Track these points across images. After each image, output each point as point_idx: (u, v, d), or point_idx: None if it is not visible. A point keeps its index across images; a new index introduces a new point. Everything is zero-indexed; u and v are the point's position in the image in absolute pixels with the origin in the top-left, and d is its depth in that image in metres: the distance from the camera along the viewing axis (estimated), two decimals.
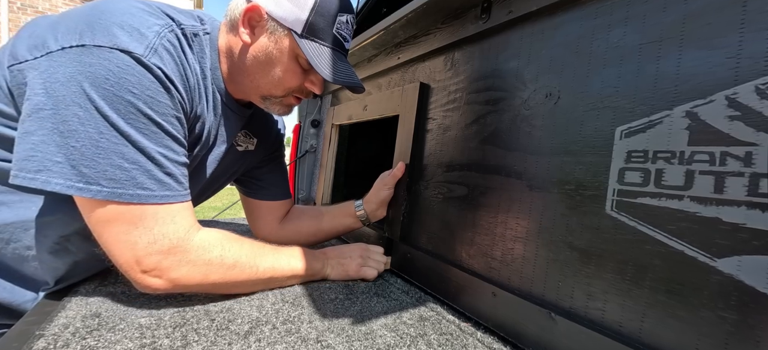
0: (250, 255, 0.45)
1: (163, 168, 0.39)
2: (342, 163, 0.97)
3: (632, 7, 0.34)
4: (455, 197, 0.53)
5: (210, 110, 0.49)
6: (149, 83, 0.37)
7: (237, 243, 0.45)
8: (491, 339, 0.41)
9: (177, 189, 0.40)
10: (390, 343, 0.37)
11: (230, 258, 0.43)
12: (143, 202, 0.37)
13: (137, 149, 0.37)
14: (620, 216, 0.33)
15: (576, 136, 0.37)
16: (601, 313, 0.33)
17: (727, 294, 0.26)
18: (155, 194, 0.38)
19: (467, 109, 0.53)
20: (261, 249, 0.47)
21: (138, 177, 0.37)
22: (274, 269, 0.48)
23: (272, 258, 0.48)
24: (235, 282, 0.44)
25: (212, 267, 0.41)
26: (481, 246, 0.48)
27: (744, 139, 0.26)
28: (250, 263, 0.45)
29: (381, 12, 1.09)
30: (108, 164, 0.35)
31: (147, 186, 0.37)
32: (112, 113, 0.35)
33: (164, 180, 0.39)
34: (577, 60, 0.39)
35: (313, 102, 1.16)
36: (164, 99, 0.38)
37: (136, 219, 0.37)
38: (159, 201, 0.38)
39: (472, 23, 0.52)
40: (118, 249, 0.37)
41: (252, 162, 0.65)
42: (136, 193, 0.37)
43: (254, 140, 0.63)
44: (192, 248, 0.40)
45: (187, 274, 0.40)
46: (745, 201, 0.26)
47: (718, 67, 0.28)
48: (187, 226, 0.40)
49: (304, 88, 0.52)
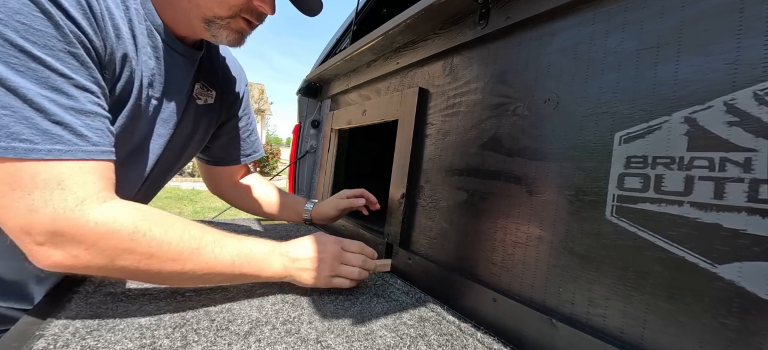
0: (176, 244, 0.35)
1: (49, 115, 0.30)
2: (341, 167, 0.97)
3: (630, 13, 0.34)
4: (455, 202, 0.53)
5: (147, 53, 0.41)
6: (19, 5, 0.28)
7: (161, 227, 0.35)
8: (491, 339, 0.40)
9: (75, 142, 0.31)
10: (390, 343, 0.37)
11: (145, 244, 0.33)
12: (21, 158, 0.29)
13: (8, 90, 0.28)
14: (620, 222, 0.33)
15: (575, 142, 0.37)
16: (603, 319, 0.33)
17: (729, 301, 0.26)
18: (37, 147, 0.29)
19: (466, 114, 0.53)
20: (198, 236, 0.37)
21: (11, 126, 0.28)
22: (215, 264, 0.37)
23: (212, 250, 0.37)
24: (155, 273, 0.35)
25: (119, 251, 0.32)
26: (481, 251, 0.48)
27: (743, 144, 0.26)
28: (174, 255, 0.35)
29: (381, 12, 1.11)
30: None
31: (25, 137, 0.29)
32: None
33: (51, 131, 0.30)
34: (575, 66, 0.39)
35: (313, 103, 1.17)
36: (45, 27, 0.30)
37: (11, 180, 0.29)
38: (44, 156, 0.29)
39: (471, 29, 0.53)
40: (1, 215, 0.30)
41: (217, 118, 0.58)
42: (9, 146, 0.28)
43: (213, 92, 0.54)
44: (86, 224, 0.31)
45: (87, 253, 0.31)
46: (745, 207, 0.26)
47: (716, 73, 0.28)
48: (82, 194, 0.31)
49: (253, 6, 0.42)
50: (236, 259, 0.39)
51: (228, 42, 0.45)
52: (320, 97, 1.15)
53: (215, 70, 0.56)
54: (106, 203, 0.33)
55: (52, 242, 0.31)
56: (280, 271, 0.44)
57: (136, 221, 0.33)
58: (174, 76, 0.46)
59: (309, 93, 1.15)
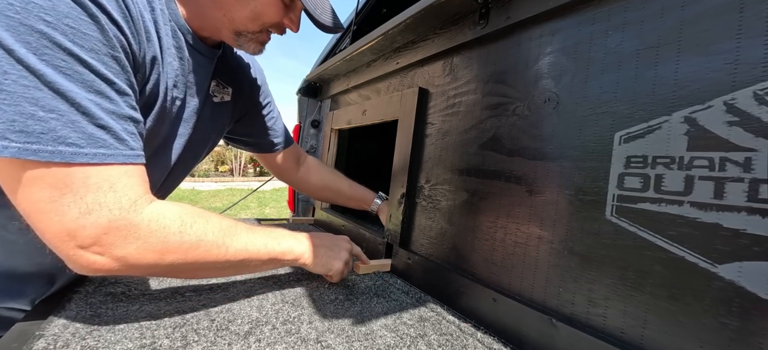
0: (217, 232, 0.38)
1: (95, 119, 0.30)
2: (341, 167, 0.97)
3: (630, 13, 0.34)
4: (455, 202, 0.53)
5: (172, 55, 0.42)
6: (68, 9, 0.28)
7: (202, 219, 0.37)
8: (491, 339, 0.41)
9: (117, 147, 0.32)
10: (390, 343, 0.37)
11: (193, 235, 0.36)
12: (68, 162, 0.29)
13: (56, 93, 0.28)
14: (620, 221, 0.33)
15: (575, 141, 0.37)
16: (603, 319, 0.33)
17: (729, 301, 0.26)
18: (83, 151, 0.29)
19: (466, 114, 0.53)
20: (232, 227, 0.40)
21: (58, 130, 0.28)
22: (248, 251, 0.41)
23: (245, 237, 0.41)
24: (199, 264, 0.37)
25: (169, 246, 0.34)
26: (481, 251, 0.48)
27: (743, 144, 0.26)
28: (218, 242, 0.38)
29: (381, 12, 1.11)
30: (16, 112, 0.27)
31: (71, 141, 0.29)
32: (19, 46, 0.27)
33: (96, 135, 0.30)
34: (575, 65, 0.39)
35: (313, 103, 1.17)
36: (92, 31, 0.30)
37: (60, 184, 0.29)
38: (90, 160, 0.30)
39: (471, 29, 0.53)
40: (44, 220, 0.29)
41: (231, 115, 0.59)
42: (56, 150, 0.28)
43: (229, 89, 0.55)
44: (141, 222, 0.32)
45: (137, 252, 0.32)
46: (745, 207, 0.26)
47: (716, 72, 0.28)
48: (134, 196, 0.32)
49: (282, 24, 0.46)
50: (253, 253, 0.42)
51: (252, 51, 0.48)
52: (320, 97, 1.15)
53: (231, 68, 0.56)
54: (152, 203, 0.34)
55: (99, 244, 0.31)
56: (300, 253, 0.48)
57: (181, 216, 0.36)
58: (196, 77, 0.47)
59: (309, 93, 1.15)
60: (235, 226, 0.41)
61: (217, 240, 0.38)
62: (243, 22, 0.44)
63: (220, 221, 0.40)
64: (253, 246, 0.41)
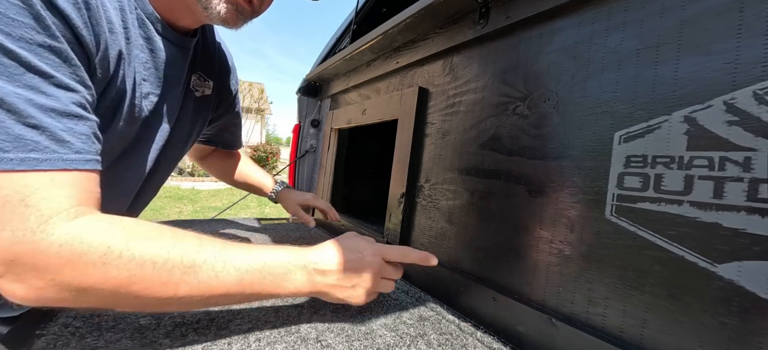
0: (167, 260, 0.28)
1: (24, 117, 0.25)
2: (341, 167, 0.97)
3: (630, 13, 0.34)
4: (454, 202, 0.53)
5: (139, 46, 0.38)
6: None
7: (144, 241, 0.28)
8: (491, 338, 0.41)
9: (53, 149, 0.26)
10: (390, 343, 0.37)
11: (125, 264, 0.26)
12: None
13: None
14: (620, 221, 0.33)
15: (575, 141, 0.37)
16: (602, 319, 0.33)
17: (728, 300, 0.26)
18: (7, 156, 0.24)
19: (466, 113, 0.53)
20: (193, 250, 0.29)
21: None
22: (217, 284, 0.30)
23: (212, 266, 0.30)
24: (141, 303, 0.28)
25: (91, 280, 0.26)
26: (480, 250, 0.48)
27: (743, 144, 0.26)
28: (169, 274, 0.28)
29: (380, 12, 1.10)
30: None
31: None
32: None
33: (25, 136, 0.25)
34: (575, 65, 0.39)
35: (312, 102, 1.17)
36: (22, 17, 0.25)
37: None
38: (15, 167, 0.24)
39: (471, 28, 0.52)
40: None
41: (212, 109, 0.56)
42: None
43: (210, 82, 0.52)
44: (48, 249, 0.25)
45: (51, 289, 0.25)
46: (744, 207, 0.26)
47: (716, 72, 0.28)
48: (49, 213, 0.25)
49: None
50: (246, 276, 0.31)
51: (222, 15, 0.38)
52: (320, 97, 1.15)
53: (212, 60, 0.53)
54: (75, 220, 0.26)
55: (12, 273, 0.24)
56: (305, 287, 0.35)
57: (109, 238, 0.26)
58: (169, 68, 0.42)
59: (309, 92, 1.15)
60: (198, 252, 0.29)
61: (160, 276, 0.27)
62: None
63: (175, 245, 0.29)
64: (219, 282, 0.30)
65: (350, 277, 0.36)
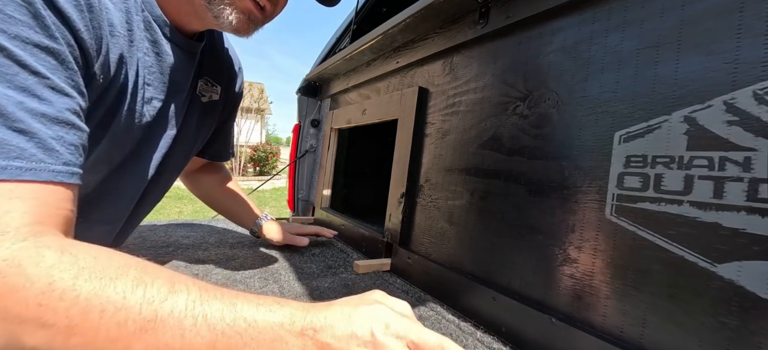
0: (123, 306, 0.21)
1: (11, 120, 0.23)
2: (341, 166, 0.97)
3: (630, 13, 0.34)
4: (454, 202, 0.53)
5: (144, 49, 0.37)
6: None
7: (99, 279, 0.21)
8: (491, 338, 0.41)
9: (41, 159, 0.24)
10: None
11: (66, 308, 0.20)
12: None
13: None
14: (620, 221, 0.33)
15: (575, 141, 0.37)
16: (602, 318, 0.33)
17: (728, 300, 0.26)
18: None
19: (466, 113, 0.53)
20: (161, 296, 0.22)
21: None
22: (182, 345, 0.21)
23: (179, 321, 0.22)
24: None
25: (23, 323, 0.20)
26: (480, 250, 0.48)
27: (743, 144, 0.26)
28: (120, 326, 0.21)
29: (380, 11, 1.10)
30: None
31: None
32: None
33: (10, 142, 0.22)
34: (575, 65, 0.39)
35: (312, 102, 1.17)
36: (19, 15, 0.24)
37: None
38: None
39: (471, 28, 0.52)
40: None
41: (218, 115, 0.54)
42: None
43: (217, 87, 0.50)
44: None
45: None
46: (744, 207, 0.26)
47: (716, 72, 0.28)
48: (3, 226, 0.21)
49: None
50: (220, 339, 0.22)
51: (233, 25, 0.38)
52: (320, 97, 1.15)
53: (220, 64, 0.52)
54: (21, 242, 0.21)
55: None
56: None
57: (54, 270, 0.20)
58: (175, 73, 0.42)
59: (309, 92, 1.15)
60: (166, 299, 0.22)
61: (109, 328, 0.20)
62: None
63: (138, 286, 0.22)
64: (185, 343, 0.21)
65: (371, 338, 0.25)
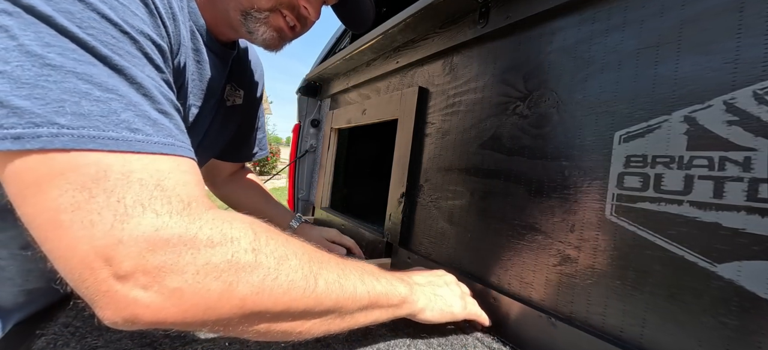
0: (303, 258, 0.25)
1: (157, 103, 0.24)
2: (341, 166, 0.97)
3: (630, 12, 0.34)
4: (454, 202, 0.53)
5: (190, 57, 0.38)
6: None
7: (278, 237, 0.25)
8: (491, 339, 0.41)
9: (181, 139, 0.25)
10: (390, 343, 0.37)
11: (272, 258, 0.24)
12: (120, 150, 0.21)
13: (112, 70, 0.22)
14: (620, 221, 0.33)
15: (575, 141, 0.37)
16: (602, 319, 0.33)
17: (728, 300, 0.26)
18: (153, 140, 0.22)
19: (466, 113, 0.53)
20: (316, 253, 0.27)
21: (120, 112, 0.21)
22: (354, 294, 0.27)
23: (335, 268, 0.27)
24: (279, 312, 0.24)
25: (241, 270, 0.22)
26: (480, 250, 0.48)
27: (743, 144, 0.26)
28: (306, 273, 0.25)
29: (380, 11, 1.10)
30: (65, 90, 0.20)
31: (136, 126, 0.22)
32: (59, 16, 0.20)
33: (161, 122, 0.24)
34: (575, 65, 0.39)
35: (312, 102, 1.17)
36: (141, 13, 0.25)
37: (96, 178, 0.20)
38: (152, 149, 0.22)
39: (471, 28, 0.52)
40: (66, 236, 0.20)
41: (239, 119, 0.55)
42: (121, 136, 0.21)
43: (241, 92, 0.52)
44: (198, 233, 0.21)
45: (196, 281, 0.21)
46: (744, 206, 0.26)
47: (716, 72, 0.28)
48: (187, 197, 0.22)
49: (296, 3, 0.40)
50: (372, 288, 0.29)
51: (265, 41, 0.41)
52: (320, 97, 1.15)
53: (245, 70, 0.54)
54: (211, 210, 0.23)
55: (142, 271, 0.20)
56: (408, 295, 0.34)
57: (253, 228, 0.24)
58: (211, 80, 0.43)
59: (309, 92, 1.15)
60: (318, 252, 0.28)
61: (305, 271, 0.24)
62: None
63: (297, 242, 0.27)
64: (356, 293, 0.27)
65: (437, 284, 0.39)
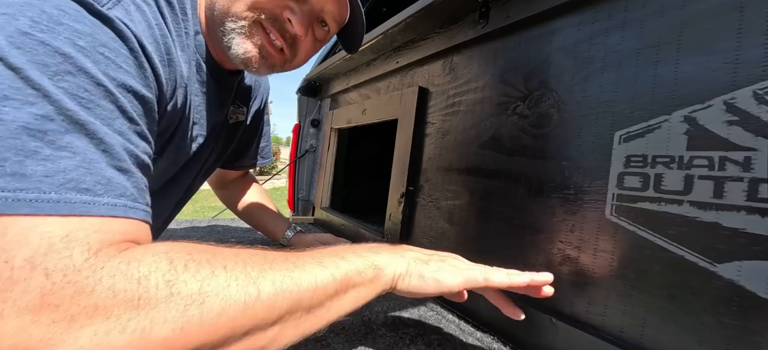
0: (239, 270, 0.23)
1: (116, 159, 0.24)
2: (341, 166, 0.97)
3: (630, 13, 0.34)
4: (455, 202, 0.53)
5: (194, 90, 0.39)
6: (108, 39, 0.24)
7: (205, 255, 0.23)
8: (491, 339, 0.41)
9: (137, 199, 0.24)
10: (390, 343, 0.37)
11: (193, 285, 0.21)
12: (66, 214, 0.20)
13: (72, 124, 0.21)
14: (620, 221, 0.33)
15: (575, 141, 0.37)
16: (602, 318, 0.33)
17: (728, 300, 0.26)
18: (101, 201, 0.22)
19: (466, 113, 0.53)
20: (259, 258, 0.25)
21: (69, 171, 0.21)
22: (298, 285, 0.25)
23: (285, 268, 0.25)
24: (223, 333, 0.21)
25: (155, 315, 0.19)
26: (480, 250, 0.48)
27: (743, 143, 0.26)
28: (244, 285, 0.23)
29: (381, 11, 1.10)
30: (9, 148, 0.19)
31: (85, 186, 0.21)
32: (31, 67, 0.20)
33: (115, 180, 0.23)
34: (575, 65, 0.39)
35: (312, 102, 1.17)
36: (127, 64, 0.26)
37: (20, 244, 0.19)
38: (107, 212, 0.22)
39: (471, 28, 0.52)
40: None
41: (240, 133, 0.57)
42: (62, 198, 0.20)
43: (244, 109, 0.54)
44: (97, 285, 0.19)
45: (101, 344, 0.18)
46: (744, 206, 0.26)
47: (716, 72, 0.28)
48: (96, 245, 0.20)
49: (280, 14, 0.35)
50: (336, 269, 0.27)
51: (244, 57, 0.37)
52: (320, 96, 1.15)
53: (248, 88, 0.55)
54: (122, 253, 0.22)
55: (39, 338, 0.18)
56: (383, 264, 0.30)
57: (169, 256, 0.22)
58: (216, 108, 0.44)
59: (309, 92, 1.15)
60: (259, 253, 0.26)
61: (240, 281, 0.23)
62: (223, 3, 0.35)
63: (238, 253, 0.25)
64: (301, 273, 0.25)
65: (434, 254, 0.34)
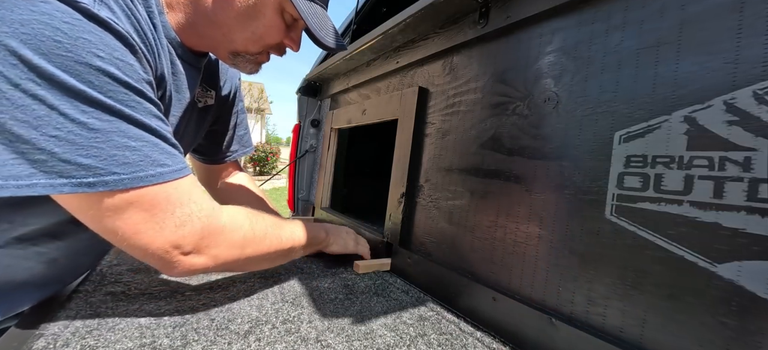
0: (272, 226, 0.44)
1: (168, 140, 0.34)
2: (341, 166, 0.97)
3: (630, 13, 0.34)
4: (454, 201, 0.53)
5: (166, 66, 0.41)
6: (113, 42, 0.29)
7: (259, 215, 0.44)
8: (491, 339, 0.41)
9: (183, 162, 0.35)
10: (390, 343, 0.37)
11: (259, 230, 0.42)
12: (160, 181, 0.32)
13: (134, 124, 0.31)
14: (620, 221, 0.33)
15: (575, 141, 0.37)
16: (602, 319, 0.33)
17: (728, 300, 0.26)
18: (172, 168, 0.33)
19: (466, 113, 0.53)
20: (277, 220, 0.47)
21: (152, 155, 0.32)
22: (293, 239, 0.47)
23: (289, 228, 0.47)
24: (265, 255, 0.43)
25: (247, 241, 0.40)
26: (481, 250, 0.48)
27: (743, 144, 0.26)
28: (275, 234, 0.44)
29: (381, 11, 1.10)
30: (113, 146, 0.29)
31: (162, 162, 0.32)
32: (85, 87, 0.27)
33: (173, 152, 0.34)
34: (575, 65, 0.39)
35: (312, 102, 1.17)
36: (133, 61, 0.31)
37: (153, 203, 0.32)
38: (176, 176, 0.34)
39: (471, 28, 0.52)
40: (145, 238, 0.32)
41: (212, 118, 0.59)
42: (157, 172, 0.32)
43: (212, 93, 0.56)
44: (224, 226, 0.38)
45: (227, 251, 0.38)
46: (744, 207, 0.26)
47: (716, 72, 0.28)
48: (210, 203, 0.37)
49: (283, 44, 0.46)
50: (300, 232, 0.49)
51: (248, 71, 0.48)
52: (320, 97, 1.15)
53: (216, 70, 0.57)
54: (224, 207, 0.39)
55: (197, 249, 0.35)
56: (324, 238, 0.56)
57: (246, 214, 0.42)
58: (185, 89, 0.46)
59: (309, 92, 1.15)
60: (279, 220, 0.47)
61: (274, 232, 0.44)
62: (243, 44, 0.43)
63: (269, 216, 0.45)
64: (295, 235, 0.47)
65: (341, 232, 0.60)
